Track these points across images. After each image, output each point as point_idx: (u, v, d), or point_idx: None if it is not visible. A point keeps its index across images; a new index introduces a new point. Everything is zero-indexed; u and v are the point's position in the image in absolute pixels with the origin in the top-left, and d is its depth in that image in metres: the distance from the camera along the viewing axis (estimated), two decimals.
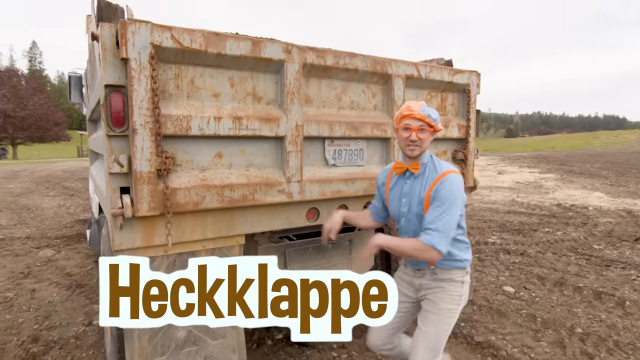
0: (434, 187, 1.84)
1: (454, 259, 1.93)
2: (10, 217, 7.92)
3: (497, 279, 4.74)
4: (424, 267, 1.98)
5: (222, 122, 2.01)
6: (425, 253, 1.76)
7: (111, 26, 1.78)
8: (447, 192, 1.80)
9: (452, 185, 1.82)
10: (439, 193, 1.81)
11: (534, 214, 8.37)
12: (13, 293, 4.11)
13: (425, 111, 1.85)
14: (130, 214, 1.81)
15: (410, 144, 1.87)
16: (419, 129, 1.84)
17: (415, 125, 1.84)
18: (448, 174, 1.85)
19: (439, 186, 1.82)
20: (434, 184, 1.85)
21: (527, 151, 27.94)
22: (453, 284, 1.95)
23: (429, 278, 1.98)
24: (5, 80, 40.97)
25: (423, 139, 1.86)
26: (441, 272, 1.95)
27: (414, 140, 1.86)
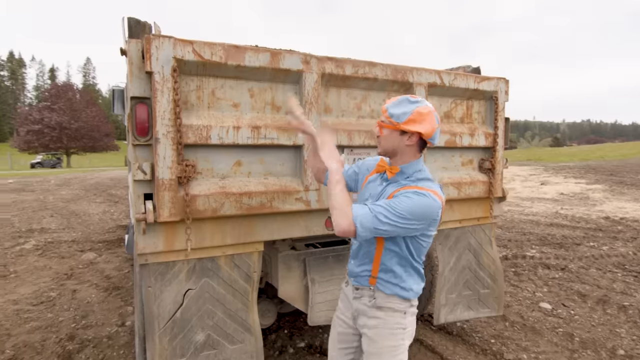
0: (398, 192, 1.57)
1: (399, 285, 1.66)
2: (59, 222, 8.45)
3: (534, 295, 4.53)
4: (363, 286, 1.72)
5: (241, 132, 2.07)
6: (341, 218, 1.50)
7: (137, 42, 1.90)
8: (402, 199, 1.51)
9: (418, 199, 1.51)
10: (395, 197, 1.55)
11: (578, 227, 7.93)
12: (56, 293, 4.37)
13: (388, 105, 1.61)
14: (152, 219, 1.90)
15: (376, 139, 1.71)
16: (379, 124, 1.65)
17: (379, 120, 1.67)
18: (422, 189, 1.55)
19: (402, 192, 1.55)
20: (400, 189, 1.58)
21: (573, 161, 26.53)
22: (393, 314, 1.67)
23: (366, 302, 1.71)
24: (62, 94, 43.96)
25: (382, 136, 1.63)
26: (381, 297, 1.68)
27: (376, 136, 1.69)
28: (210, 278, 2.15)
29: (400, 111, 1.56)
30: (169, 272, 2.05)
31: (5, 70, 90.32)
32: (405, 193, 1.53)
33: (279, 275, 2.54)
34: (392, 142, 1.61)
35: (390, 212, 1.48)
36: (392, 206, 1.49)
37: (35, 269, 5.23)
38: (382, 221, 1.48)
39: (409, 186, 1.58)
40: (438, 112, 2.77)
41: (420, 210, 1.51)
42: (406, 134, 1.58)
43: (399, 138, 1.59)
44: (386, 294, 1.68)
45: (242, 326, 2.24)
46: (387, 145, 1.63)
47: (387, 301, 1.68)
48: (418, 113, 1.56)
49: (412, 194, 1.52)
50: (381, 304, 1.68)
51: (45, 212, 9.56)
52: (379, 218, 1.48)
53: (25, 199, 11.56)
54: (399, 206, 1.49)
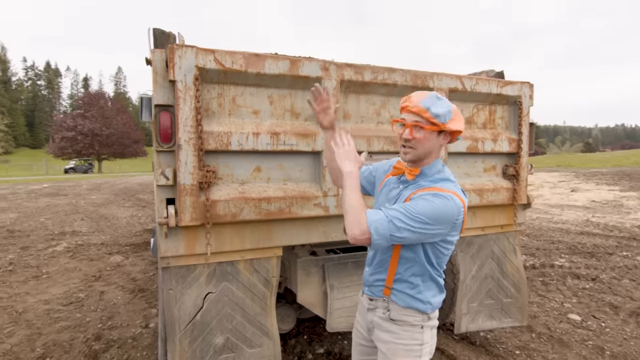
0: (415, 194, 1.45)
1: (415, 297, 1.53)
2: (89, 225, 8.75)
3: (562, 306, 4.37)
4: (377, 297, 1.61)
5: (261, 138, 2.10)
6: (354, 224, 1.37)
7: (162, 52, 1.96)
8: (417, 201, 1.40)
9: (430, 200, 1.39)
10: (413, 199, 1.43)
11: (611, 236, 7.63)
12: (85, 294, 4.53)
13: (424, 103, 1.41)
14: (174, 224, 1.95)
15: (404, 145, 1.48)
16: (413, 126, 1.42)
17: (409, 121, 1.43)
18: (438, 190, 1.43)
19: (420, 194, 1.43)
20: (417, 192, 1.45)
21: (606, 167, 25.54)
22: (409, 329, 1.53)
23: (381, 315, 1.59)
24: (94, 102, 45.68)
25: (419, 140, 1.43)
26: (396, 309, 1.55)
27: (407, 140, 1.45)
28: (230, 282, 2.18)
29: (444, 110, 1.42)
30: (190, 276, 2.10)
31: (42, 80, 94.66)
32: (423, 195, 1.40)
33: (298, 280, 2.55)
34: (429, 144, 1.46)
35: (407, 216, 1.36)
36: (409, 210, 1.37)
37: (66, 271, 5.43)
38: (398, 227, 1.35)
39: (427, 187, 1.45)
40: None
41: (440, 214, 1.38)
42: (442, 134, 1.46)
43: (436, 139, 1.46)
44: (401, 307, 1.55)
45: (260, 330, 2.26)
46: (426, 148, 1.46)
47: (403, 314, 1.55)
48: (456, 111, 1.46)
49: (430, 196, 1.39)
50: (395, 316, 1.55)
51: (76, 215, 9.93)
52: (395, 224, 1.35)
53: (58, 202, 12.04)
54: (417, 210, 1.36)
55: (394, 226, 1.36)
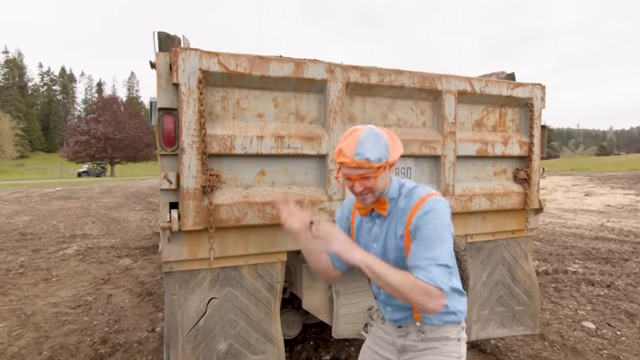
0: (413, 218, 1.37)
1: (447, 312, 1.47)
2: (100, 228, 8.83)
3: (576, 313, 4.26)
4: (408, 323, 1.51)
5: (265, 141, 2.08)
6: (424, 296, 1.25)
7: (165, 55, 1.95)
8: (433, 220, 1.33)
9: (436, 211, 1.34)
10: (423, 224, 1.34)
11: (626, 241, 7.45)
12: (93, 297, 4.55)
13: (361, 155, 1.33)
14: (177, 228, 1.93)
15: (358, 195, 1.43)
16: (361, 177, 1.37)
17: (354, 174, 1.37)
18: (427, 198, 1.38)
19: (420, 216, 1.35)
20: (411, 214, 1.38)
21: (621, 170, 25.06)
22: (448, 343, 1.49)
23: (415, 338, 1.50)
24: (108, 107, 46.40)
25: (371, 186, 1.38)
26: (431, 330, 1.48)
27: (359, 192, 1.41)
28: (234, 287, 2.15)
29: (381, 150, 1.36)
30: (193, 280, 2.08)
31: (57, 85, 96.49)
32: (424, 216, 1.33)
33: (303, 286, 2.51)
34: (384, 181, 1.41)
35: (438, 245, 1.30)
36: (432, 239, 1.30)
37: (76, 273, 5.47)
38: (445, 258, 1.30)
39: (414, 205, 1.38)
40: (469, 120, 2.69)
41: (446, 220, 1.35)
42: (388, 166, 1.40)
43: (387, 174, 1.42)
44: (435, 325, 1.48)
45: (264, 336, 2.23)
46: (381, 185, 1.41)
47: (440, 331, 1.48)
48: (390, 139, 1.40)
49: (428, 212, 1.33)
50: (432, 336, 1.49)
51: (88, 218, 10.03)
52: (442, 261, 1.28)
53: (70, 205, 12.18)
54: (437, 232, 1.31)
55: (444, 260, 1.30)
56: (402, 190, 1.46)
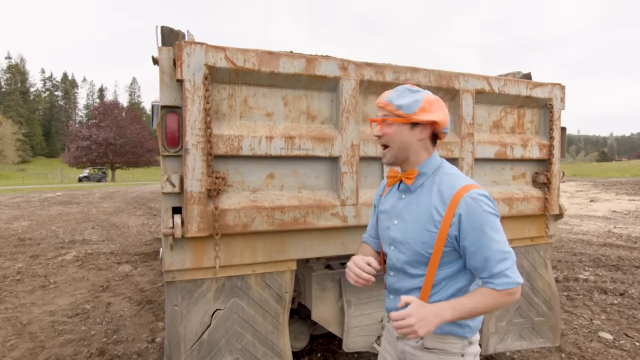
0: (454, 212, 1.25)
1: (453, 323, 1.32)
2: (100, 234, 8.68)
3: (591, 323, 4.10)
4: None
5: (274, 142, 1.95)
6: (510, 299, 1.24)
7: (169, 50, 1.83)
8: (478, 218, 1.23)
9: (478, 207, 1.23)
10: (469, 223, 1.23)
11: (635, 248, 7.30)
12: (91, 305, 4.40)
13: (389, 96, 1.32)
14: (180, 234, 1.79)
15: (378, 142, 1.39)
16: (382, 121, 1.33)
17: (378, 117, 1.36)
18: (467, 192, 1.25)
19: (462, 212, 1.24)
20: (452, 206, 1.25)
21: (625, 176, 24.91)
22: (447, 357, 1.34)
23: (413, 344, 1.37)
24: (109, 112, 46.41)
25: (389, 135, 1.32)
26: (430, 337, 1.34)
27: (378, 137, 1.36)
28: (240, 298, 2.01)
29: (408, 101, 1.29)
30: (197, 291, 1.94)
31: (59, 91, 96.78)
32: (468, 215, 1.23)
33: (313, 296, 2.37)
34: (402, 138, 1.32)
35: (493, 240, 1.23)
36: (484, 237, 1.22)
37: (74, 280, 5.32)
38: (511, 255, 1.25)
39: (452, 199, 1.25)
40: (487, 121, 2.56)
41: (495, 216, 1.27)
42: (418, 127, 1.31)
43: (409, 133, 1.31)
44: (436, 334, 1.34)
45: (272, 350, 2.09)
46: (396, 142, 1.33)
47: (439, 342, 1.34)
48: (428, 101, 1.30)
49: (473, 209, 1.23)
50: (430, 344, 1.35)
51: (87, 224, 9.89)
52: (509, 256, 1.24)
53: (70, 211, 12.05)
54: (486, 232, 1.22)
55: (509, 252, 1.25)
56: (438, 170, 1.35)
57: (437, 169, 1.35)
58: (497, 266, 1.22)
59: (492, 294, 1.21)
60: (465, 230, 1.23)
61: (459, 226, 1.24)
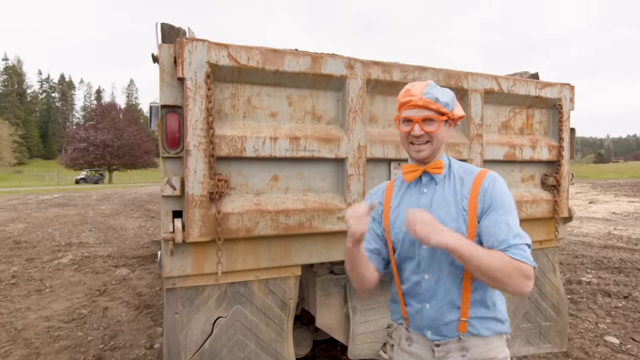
0: (479, 189, 1.25)
1: (495, 318, 1.25)
2: (97, 236, 8.58)
3: (597, 327, 4.04)
4: (450, 338, 1.24)
5: (279, 143, 1.88)
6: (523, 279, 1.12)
7: (169, 47, 1.76)
8: (502, 191, 1.25)
9: (503, 184, 1.28)
10: (494, 194, 1.24)
11: (637, 250, 7.26)
12: (88, 310, 4.31)
13: (431, 94, 1.26)
14: (180, 239, 1.72)
15: (415, 142, 1.29)
16: (423, 120, 1.26)
17: (418, 116, 1.26)
18: (487, 172, 1.31)
19: (487, 186, 1.25)
20: (476, 184, 1.26)
21: (623, 178, 24.93)
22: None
23: (457, 357, 1.24)
24: (106, 114, 46.26)
25: (433, 133, 1.26)
26: (477, 345, 1.23)
27: (418, 136, 1.27)
28: (243, 305, 1.94)
29: (449, 97, 1.31)
30: (198, 298, 1.86)
31: (56, 92, 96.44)
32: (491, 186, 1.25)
33: (317, 302, 2.30)
34: (444, 135, 1.33)
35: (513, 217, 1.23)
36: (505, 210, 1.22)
37: (70, 284, 5.23)
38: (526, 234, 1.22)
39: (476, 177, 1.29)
40: (495, 122, 2.50)
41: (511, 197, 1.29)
42: (448, 122, 1.32)
43: (446, 128, 1.33)
44: (485, 337, 1.23)
45: (275, 359, 2.01)
46: (441, 140, 1.32)
47: (487, 347, 1.24)
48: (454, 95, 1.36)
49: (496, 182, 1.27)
50: (480, 354, 1.23)
51: (84, 226, 9.78)
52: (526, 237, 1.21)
53: (67, 213, 11.93)
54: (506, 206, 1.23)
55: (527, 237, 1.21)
56: (452, 162, 1.38)
57: (450, 161, 1.38)
58: (515, 239, 1.18)
59: (504, 259, 1.13)
60: (489, 203, 1.24)
61: (484, 200, 1.24)
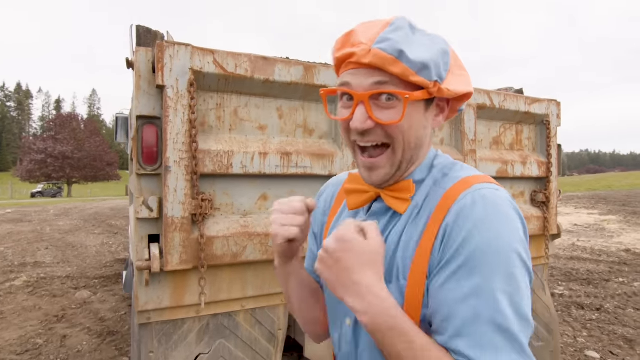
0: (443, 219, 0.67)
1: None
2: (54, 255, 8.00)
3: (576, 341, 4.05)
4: None
5: (269, 159, 1.71)
6: None
7: (147, 51, 1.58)
8: (485, 233, 0.63)
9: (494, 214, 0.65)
10: (464, 237, 0.64)
11: (601, 261, 7.49)
12: (43, 339, 3.91)
13: (391, 43, 0.65)
14: (158, 268, 1.51)
15: (361, 142, 0.71)
16: (373, 97, 0.67)
17: (363, 87, 0.67)
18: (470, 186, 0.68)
19: (456, 216, 0.66)
20: (440, 208, 0.68)
21: (580, 191, 26.14)
22: None
23: None
24: (66, 125, 44.41)
25: (393, 125, 0.68)
26: None
27: (362, 131, 0.69)
28: (227, 339, 1.74)
29: (433, 52, 0.67)
30: (177, 333, 1.65)
31: (12, 101, 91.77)
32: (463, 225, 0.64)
33: None
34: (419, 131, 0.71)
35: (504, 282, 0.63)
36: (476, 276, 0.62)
37: (24, 310, 4.77)
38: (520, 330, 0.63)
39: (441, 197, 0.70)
40: (487, 137, 2.44)
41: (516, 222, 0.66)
42: (434, 103, 0.72)
43: (424, 116, 0.71)
44: None
45: None
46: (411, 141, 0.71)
47: None
48: (455, 57, 0.73)
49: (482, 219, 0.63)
50: None
51: (41, 244, 9.12)
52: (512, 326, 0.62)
53: (21, 229, 11.13)
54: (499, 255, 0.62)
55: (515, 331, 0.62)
56: (433, 168, 0.76)
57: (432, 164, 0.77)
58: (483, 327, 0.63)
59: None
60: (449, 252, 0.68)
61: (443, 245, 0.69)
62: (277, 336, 1.84)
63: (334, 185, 0.95)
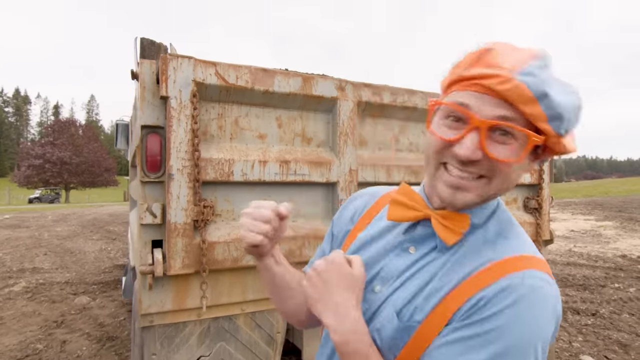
0: (475, 293, 0.63)
1: None
2: (53, 261, 8.01)
3: (571, 345, 4.10)
4: None
5: (268, 167, 1.77)
6: None
7: (151, 63, 1.64)
8: (513, 321, 0.59)
9: (529, 307, 0.60)
10: (493, 315, 0.60)
11: (597, 267, 7.54)
12: (43, 344, 3.93)
13: (535, 80, 0.59)
14: (161, 272, 1.56)
15: (456, 166, 0.65)
16: (493, 128, 0.61)
17: (487, 116, 0.61)
18: (519, 268, 0.63)
19: (497, 299, 0.61)
20: (478, 279, 0.64)
21: (577, 197, 26.28)
22: None
23: None
24: (65, 130, 44.42)
25: (501, 164, 0.62)
26: None
27: (467, 161, 0.63)
28: (227, 342, 1.79)
29: (575, 108, 0.63)
30: (178, 336, 1.70)
31: (10, 107, 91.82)
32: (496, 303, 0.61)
33: (304, 334, 2.16)
34: (519, 175, 0.67)
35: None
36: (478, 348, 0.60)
37: (23, 316, 4.79)
38: None
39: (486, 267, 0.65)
40: None
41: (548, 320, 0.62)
42: (540, 153, 0.68)
43: (526, 166, 0.67)
44: None
45: None
46: (506, 182, 0.66)
47: None
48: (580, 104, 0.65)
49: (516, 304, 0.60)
50: None
51: (39, 249, 9.13)
52: None
53: (19, 235, 11.13)
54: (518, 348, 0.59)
55: None
56: (491, 219, 0.71)
57: (492, 214, 0.73)
58: None
59: None
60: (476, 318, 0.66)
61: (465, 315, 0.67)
62: (275, 339, 1.89)
63: (369, 195, 0.90)
